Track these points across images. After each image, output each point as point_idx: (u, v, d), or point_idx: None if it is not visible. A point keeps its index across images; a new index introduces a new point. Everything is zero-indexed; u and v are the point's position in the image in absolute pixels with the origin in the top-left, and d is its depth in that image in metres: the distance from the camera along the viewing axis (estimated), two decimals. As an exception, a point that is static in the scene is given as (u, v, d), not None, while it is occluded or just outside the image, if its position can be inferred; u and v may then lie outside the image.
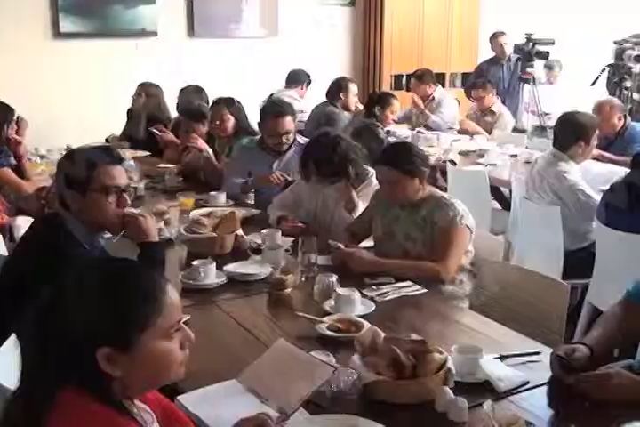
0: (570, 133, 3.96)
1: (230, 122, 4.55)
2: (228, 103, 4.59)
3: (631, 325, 2.31)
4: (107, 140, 5.99)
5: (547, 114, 6.75)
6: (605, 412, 1.89)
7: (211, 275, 2.82)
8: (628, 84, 6.17)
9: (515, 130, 6.55)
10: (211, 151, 4.55)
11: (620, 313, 2.32)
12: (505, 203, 5.28)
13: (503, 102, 6.80)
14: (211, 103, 4.97)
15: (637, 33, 6.83)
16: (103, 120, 6.52)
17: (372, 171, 3.37)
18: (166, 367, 1.39)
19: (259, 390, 1.97)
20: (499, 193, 5.36)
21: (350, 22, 8.55)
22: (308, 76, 6.61)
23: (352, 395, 1.92)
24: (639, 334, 2.52)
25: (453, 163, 5.15)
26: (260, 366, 2.04)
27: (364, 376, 1.92)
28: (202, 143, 4.60)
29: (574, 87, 7.76)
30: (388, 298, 2.65)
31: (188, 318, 2.43)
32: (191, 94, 5.42)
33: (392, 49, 8.42)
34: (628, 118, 5.25)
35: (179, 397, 1.94)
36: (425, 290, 2.74)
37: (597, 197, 3.72)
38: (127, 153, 5.33)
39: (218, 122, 4.59)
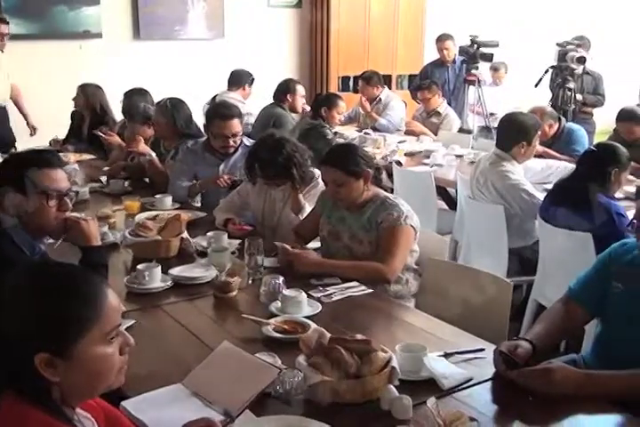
0: (512, 134, 4.02)
1: (162, 124, 4.51)
2: (159, 106, 4.56)
3: (572, 321, 2.37)
4: (50, 143, 5.89)
5: (492, 115, 6.86)
6: (548, 406, 1.94)
7: (156, 279, 2.79)
8: (571, 85, 6.28)
9: (460, 131, 6.63)
10: (154, 154, 4.51)
11: (561, 309, 2.37)
12: (451, 203, 5.33)
13: (449, 104, 6.88)
14: (155, 106, 4.92)
15: (579, 35, 6.98)
16: (48, 123, 6.41)
17: (318, 172, 3.37)
18: (106, 373, 1.37)
19: (204, 393, 1.96)
20: (445, 193, 5.42)
21: (297, 24, 8.57)
22: (250, 76, 6.57)
23: (298, 396, 1.92)
24: (580, 329, 2.58)
25: (399, 164, 5.19)
26: (205, 370, 2.03)
27: (309, 377, 1.91)
28: (143, 147, 4.56)
29: (519, 88, 7.90)
30: (334, 299, 2.65)
31: (133, 322, 2.43)
32: (135, 97, 5.35)
33: (339, 51, 8.48)
34: (563, 120, 5.33)
35: (123, 402, 1.92)
36: (371, 290, 2.75)
37: (540, 196, 3.79)
38: (71, 156, 5.27)
39: (153, 125, 4.61)
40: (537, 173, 4.41)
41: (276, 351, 2.17)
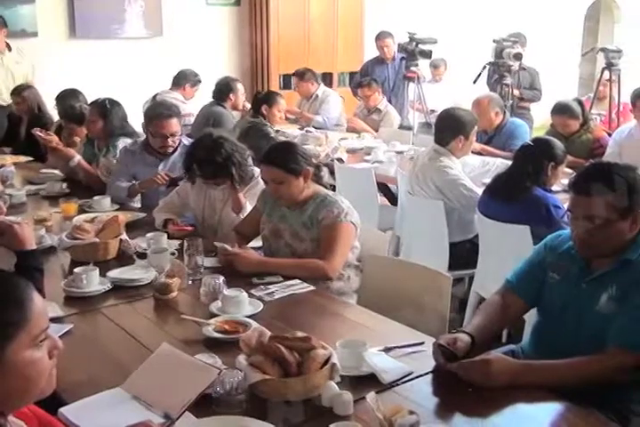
0: (449, 129, 4.07)
1: (98, 124, 4.45)
2: (95, 105, 4.51)
3: (510, 312, 2.41)
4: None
5: (432, 111, 6.93)
6: (488, 397, 1.96)
7: (94, 282, 2.74)
8: (508, 80, 6.38)
9: (401, 127, 6.68)
10: (78, 157, 4.45)
11: (499, 301, 2.41)
12: (392, 199, 5.38)
13: (389, 101, 6.93)
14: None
15: (515, 32, 7.11)
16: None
17: (258, 171, 3.36)
18: (36, 377, 1.34)
19: (143, 396, 1.94)
20: (386, 189, 5.45)
21: (236, 22, 8.53)
22: (195, 76, 6.53)
23: (239, 396, 1.91)
24: (520, 320, 2.63)
25: (341, 161, 5.22)
26: (144, 373, 2.01)
27: (249, 376, 1.90)
28: (67, 151, 4.51)
29: (458, 85, 8.01)
30: (276, 297, 2.65)
31: (71, 327, 2.39)
32: (69, 98, 5.28)
33: (279, 49, 8.47)
34: (507, 114, 5.44)
35: (61, 409, 1.89)
36: (313, 287, 2.75)
37: (479, 191, 3.84)
38: (8, 159, 5.15)
39: (86, 124, 4.57)
40: (475, 168, 4.47)
41: (216, 352, 2.15)
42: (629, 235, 2.18)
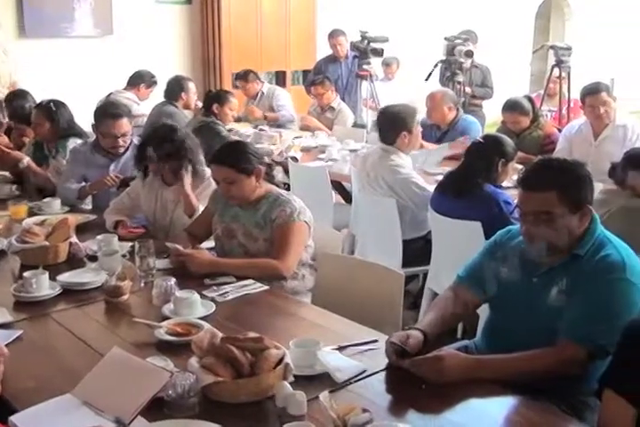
0: (391, 127, 4.09)
1: (44, 126, 4.39)
2: (39, 108, 4.45)
3: (462, 307, 2.43)
4: None
5: (385, 109, 6.95)
6: (441, 393, 1.98)
7: (43, 286, 2.69)
8: (460, 78, 6.44)
9: (355, 125, 6.70)
10: (27, 159, 4.38)
11: (451, 297, 2.43)
12: (347, 197, 5.38)
13: (343, 99, 6.94)
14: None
15: (466, 29, 7.18)
16: None
17: (209, 171, 3.34)
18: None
19: (94, 401, 1.91)
20: (341, 187, 5.46)
21: (187, 21, 8.47)
22: (152, 78, 6.46)
23: (191, 398, 1.89)
24: (471, 316, 2.65)
25: (295, 159, 5.21)
26: (95, 378, 1.98)
27: (202, 379, 1.89)
28: (16, 154, 4.44)
29: (411, 82, 8.06)
30: (229, 298, 2.63)
31: (20, 333, 2.35)
32: (18, 99, 5.19)
33: (231, 47, 8.43)
34: (461, 111, 5.49)
35: (11, 417, 1.86)
36: (266, 287, 2.74)
37: (430, 188, 3.86)
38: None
39: (33, 127, 4.51)
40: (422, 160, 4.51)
41: (169, 354, 2.14)
42: (578, 230, 2.21)
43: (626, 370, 1.82)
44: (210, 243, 3.21)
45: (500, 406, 1.97)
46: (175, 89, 5.99)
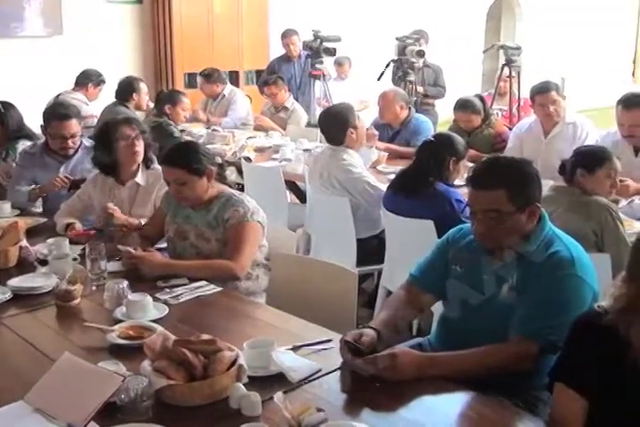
0: (335, 126, 4.12)
1: None
2: None
3: (414, 305, 2.45)
4: None
5: (339, 108, 6.96)
6: (395, 391, 1.99)
7: (-7, 291, 2.64)
8: (412, 77, 6.48)
9: (309, 125, 6.69)
10: None
11: (403, 295, 2.45)
12: (302, 197, 5.38)
13: (296, 99, 6.93)
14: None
15: (418, 29, 7.22)
16: None
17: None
18: None
19: (46, 408, 1.88)
20: (295, 187, 5.46)
21: (138, 20, 8.39)
22: (99, 76, 6.37)
23: (144, 402, 1.87)
24: (423, 313, 2.67)
25: (248, 159, 5.20)
26: (46, 384, 1.95)
27: (154, 382, 1.87)
28: None
29: (363, 82, 8.09)
30: (182, 300, 2.61)
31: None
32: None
33: (183, 47, 8.37)
34: (413, 110, 5.53)
35: (-39, 426, 1.81)
36: (220, 288, 2.73)
37: (383, 187, 3.89)
38: None
39: None
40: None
41: (122, 358, 2.11)
42: (527, 227, 2.24)
43: (574, 363, 1.86)
44: (163, 244, 3.19)
45: (454, 402, 1.99)
46: (126, 89, 5.93)
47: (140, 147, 3.48)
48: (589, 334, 1.85)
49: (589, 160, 3.21)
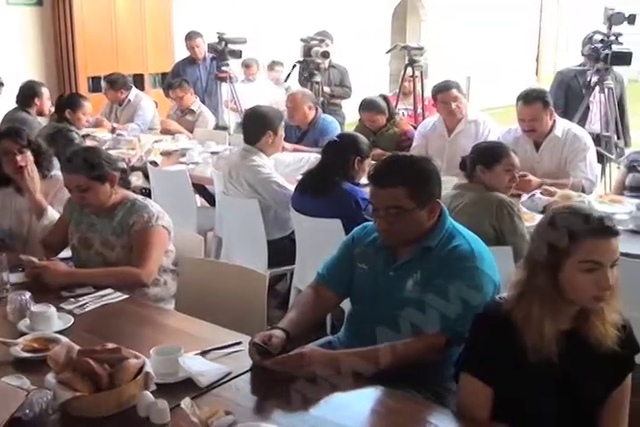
0: (257, 126, 4.12)
1: None
2: None
3: (323, 304, 2.47)
4: None
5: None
6: (306, 389, 1.99)
7: None
8: (318, 78, 6.51)
9: (217, 127, 6.66)
10: None
11: (312, 294, 2.46)
12: (211, 200, 5.35)
13: (203, 101, 6.87)
14: None
15: (322, 30, 7.28)
16: None
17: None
18: None
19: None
20: (204, 190, 5.42)
21: (39, 23, 8.16)
22: None
23: (51, 416, 1.83)
24: (332, 311, 2.70)
25: (155, 164, 5.13)
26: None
27: (59, 395, 1.83)
28: None
29: (271, 84, 8.10)
30: (87, 309, 2.56)
31: None
32: None
33: (86, 50, 8.20)
34: (320, 110, 5.57)
35: None
36: (127, 296, 2.69)
37: (292, 187, 3.90)
38: None
39: None
40: (289, 164, 4.54)
41: (27, 372, 2.05)
42: (428, 223, 2.29)
43: (478, 353, 1.92)
44: (67, 253, 3.11)
45: (364, 398, 2.02)
46: (28, 95, 5.76)
47: (24, 160, 3.34)
48: (490, 325, 1.92)
49: (487, 156, 3.30)
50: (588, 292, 1.81)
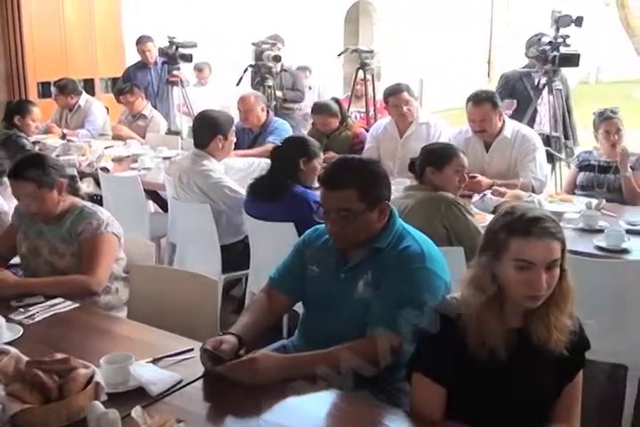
0: (207, 130, 4.10)
1: None
2: None
3: (276, 308, 2.47)
4: None
5: (201, 114, 6.90)
6: (259, 395, 1.99)
7: None
8: (270, 82, 6.50)
9: (169, 132, 6.61)
10: None
11: (264, 298, 2.46)
12: (165, 206, 5.31)
13: (154, 106, 6.82)
14: None
15: (274, 34, 7.28)
16: None
17: None
18: None
19: None
20: (157, 196, 5.37)
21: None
22: None
23: (0, 430, 1.80)
24: (284, 314, 2.69)
25: (106, 170, 5.07)
26: None
27: (8, 407, 1.80)
28: None
29: (223, 87, 8.07)
30: (37, 319, 2.52)
31: None
32: None
33: (35, 55, 8.10)
34: (271, 113, 5.57)
35: None
36: (77, 304, 2.65)
37: (243, 192, 3.89)
38: None
39: None
40: (240, 170, 4.53)
41: (-25, 386, 2.01)
42: (378, 225, 2.31)
43: (429, 353, 1.94)
44: (16, 261, 3.06)
45: (318, 402, 2.01)
46: (-25, 101, 5.66)
47: None
48: (441, 325, 1.93)
49: (437, 158, 3.33)
50: (520, 290, 1.84)
